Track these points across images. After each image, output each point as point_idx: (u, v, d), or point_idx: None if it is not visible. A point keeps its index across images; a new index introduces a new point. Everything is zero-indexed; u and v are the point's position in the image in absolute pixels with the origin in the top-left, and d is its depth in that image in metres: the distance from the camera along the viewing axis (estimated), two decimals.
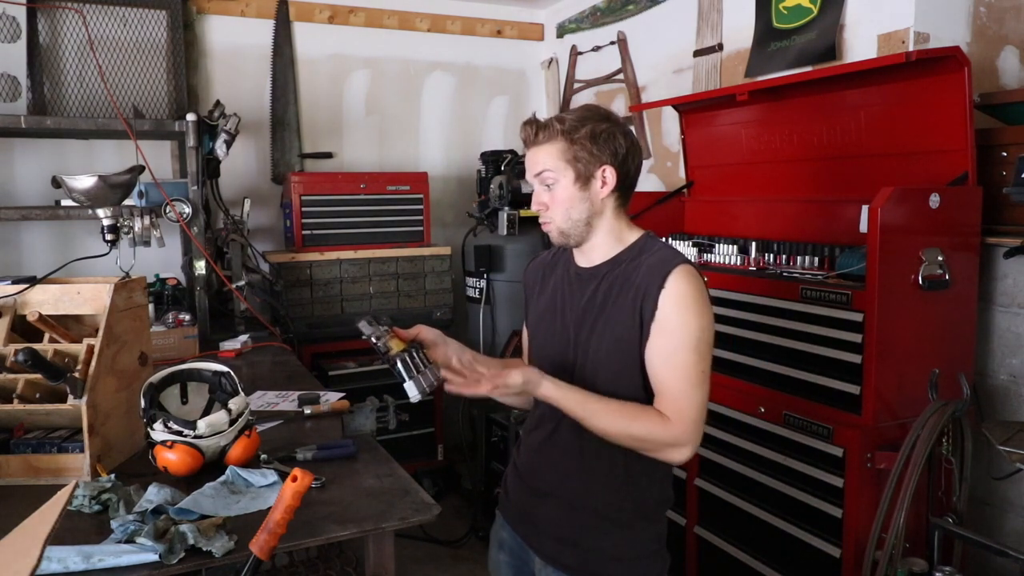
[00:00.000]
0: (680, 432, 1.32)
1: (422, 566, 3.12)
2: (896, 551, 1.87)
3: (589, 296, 1.43)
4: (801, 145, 2.57)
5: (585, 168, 1.38)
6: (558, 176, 1.38)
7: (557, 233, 1.42)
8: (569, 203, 1.39)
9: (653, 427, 1.32)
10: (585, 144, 1.37)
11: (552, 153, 1.38)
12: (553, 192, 1.39)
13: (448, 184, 4.30)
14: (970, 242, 2.11)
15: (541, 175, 1.40)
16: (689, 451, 1.34)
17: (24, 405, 1.57)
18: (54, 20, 3.32)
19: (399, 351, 1.37)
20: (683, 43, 3.40)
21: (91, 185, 2.05)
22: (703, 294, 1.35)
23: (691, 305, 1.33)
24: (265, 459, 1.65)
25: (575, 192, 1.38)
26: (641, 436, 1.32)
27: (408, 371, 1.35)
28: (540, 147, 1.39)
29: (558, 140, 1.37)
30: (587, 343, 1.41)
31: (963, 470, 2.03)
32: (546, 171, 1.39)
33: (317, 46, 3.95)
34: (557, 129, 1.38)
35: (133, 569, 1.20)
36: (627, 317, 1.36)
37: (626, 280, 1.39)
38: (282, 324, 3.29)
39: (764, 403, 2.27)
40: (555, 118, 1.39)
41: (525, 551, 1.51)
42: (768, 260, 2.42)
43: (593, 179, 1.38)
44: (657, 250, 1.40)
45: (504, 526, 1.58)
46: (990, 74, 2.46)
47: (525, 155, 1.44)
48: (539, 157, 1.39)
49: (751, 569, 2.31)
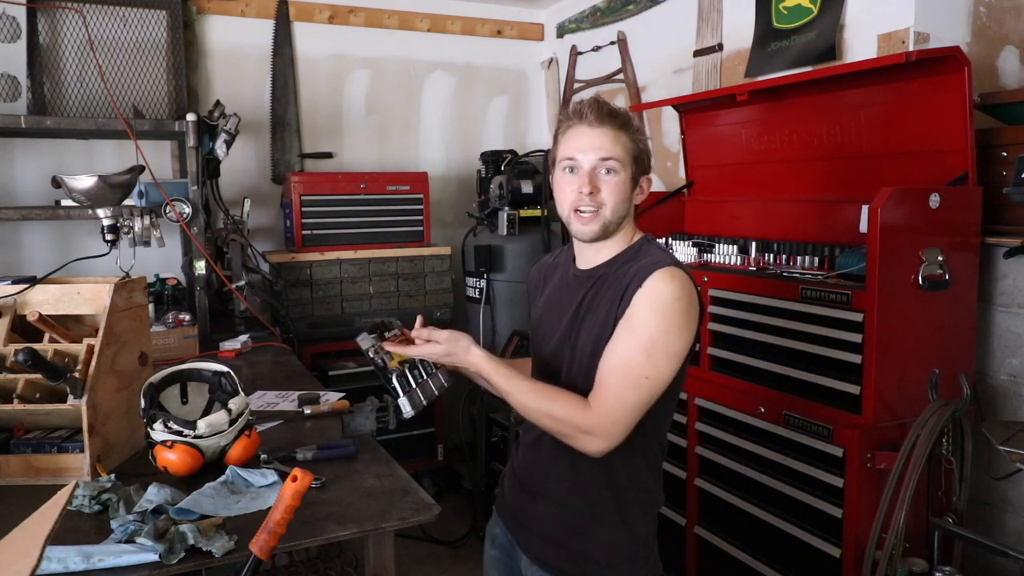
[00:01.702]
0: (596, 423, 1.28)
1: (422, 566, 3.12)
2: (896, 551, 1.87)
3: (580, 298, 1.43)
4: (801, 145, 2.57)
5: (637, 170, 1.37)
6: (620, 168, 1.35)
7: (600, 224, 1.36)
8: (621, 197, 1.36)
9: (571, 411, 1.29)
10: (645, 149, 1.37)
11: (621, 142, 1.35)
12: (611, 181, 1.35)
13: (448, 184, 4.30)
14: (970, 242, 2.11)
15: (607, 161, 1.34)
16: (603, 444, 1.29)
17: (24, 405, 1.57)
18: (54, 20, 3.32)
19: (396, 365, 1.36)
20: (683, 43, 3.40)
21: (91, 185, 2.05)
22: (682, 301, 1.29)
23: (659, 307, 1.28)
24: (265, 459, 1.65)
25: (627, 189, 1.37)
26: (558, 417, 1.30)
27: (404, 387, 1.34)
28: (607, 131, 1.34)
29: (629, 133, 1.36)
30: (575, 343, 1.41)
31: (963, 470, 2.03)
32: (613, 159, 1.34)
33: (317, 46, 3.95)
34: (629, 121, 1.36)
35: (133, 569, 1.20)
36: (604, 316, 1.35)
37: (614, 282, 1.38)
38: (282, 324, 3.29)
39: (764, 403, 2.27)
40: (623, 110, 1.37)
41: (514, 548, 1.52)
42: (768, 260, 2.42)
43: (636, 183, 1.39)
44: (650, 253, 1.38)
45: (498, 522, 1.59)
46: (990, 74, 2.46)
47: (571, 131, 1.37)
48: (605, 142, 1.34)
49: (751, 569, 2.31)
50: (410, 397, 1.36)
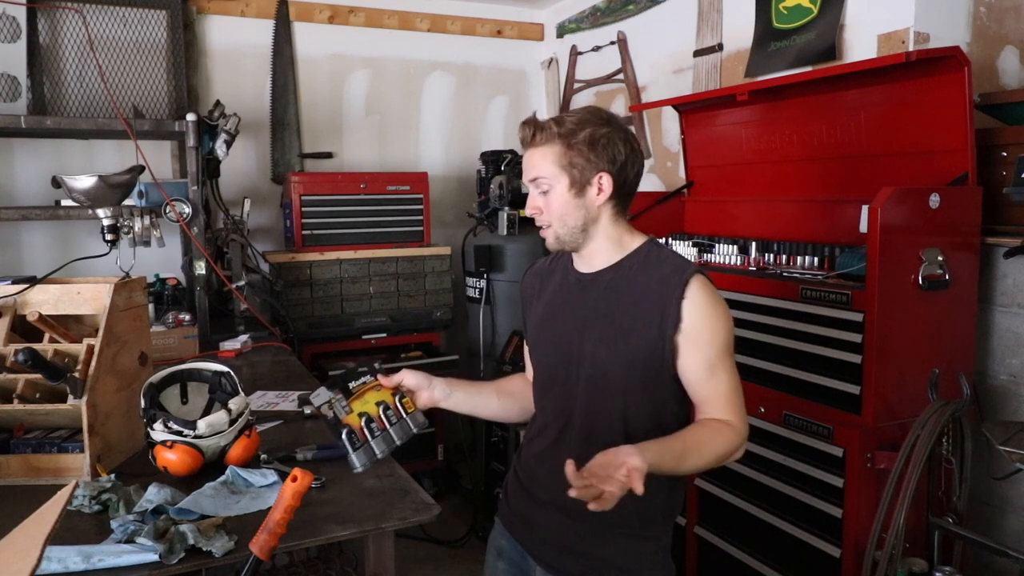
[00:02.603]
0: (745, 432, 1.33)
1: (422, 566, 3.12)
2: (896, 551, 1.87)
3: (592, 303, 1.40)
4: (801, 145, 2.57)
5: (581, 175, 1.33)
6: (553, 182, 1.34)
7: (553, 239, 1.39)
8: (563, 210, 1.35)
9: (731, 439, 1.31)
10: (582, 150, 1.32)
11: (548, 157, 1.34)
12: (548, 198, 1.35)
13: (448, 184, 4.30)
14: (970, 242, 2.11)
15: (536, 180, 1.36)
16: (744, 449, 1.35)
17: (24, 405, 1.57)
18: (54, 20, 3.32)
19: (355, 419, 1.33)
20: (683, 43, 3.40)
21: (91, 185, 2.05)
22: (721, 298, 1.36)
23: (716, 312, 1.33)
24: (265, 459, 1.65)
25: (569, 199, 1.35)
26: (724, 453, 1.31)
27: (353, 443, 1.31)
28: (536, 149, 1.35)
29: (555, 144, 1.33)
30: (594, 351, 1.37)
31: (963, 470, 2.03)
32: (540, 177, 1.35)
33: (317, 46, 3.95)
34: (554, 132, 1.33)
35: (133, 569, 1.20)
36: (645, 329, 1.33)
37: (635, 290, 1.36)
38: (282, 324, 3.29)
39: (764, 403, 2.27)
40: (553, 120, 1.35)
41: (525, 559, 1.49)
42: (768, 260, 2.42)
43: (589, 186, 1.34)
44: (666, 259, 1.38)
45: (503, 534, 1.55)
46: (990, 74, 2.46)
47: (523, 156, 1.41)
48: (534, 161, 1.36)
49: (751, 569, 2.31)
50: (364, 450, 1.32)
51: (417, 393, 1.43)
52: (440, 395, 1.45)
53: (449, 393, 1.46)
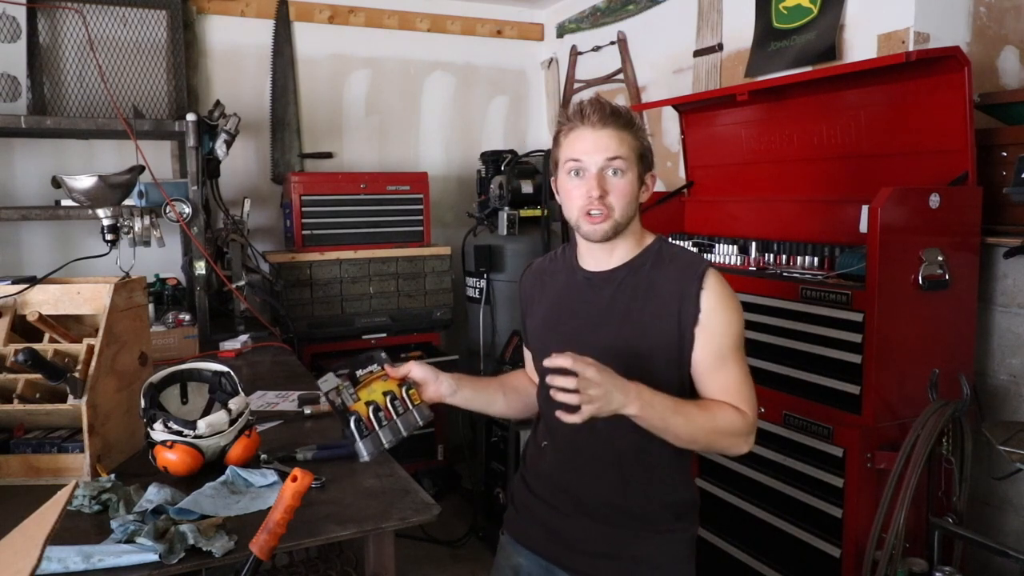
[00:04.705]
0: (753, 421, 1.34)
1: (422, 566, 3.12)
2: (896, 551, 1.87)
3: (608, 301, 1.38)
4: (801, 145, 2.57)
5: (643, 168, 1.36)
6: (628, 167, 1.33)
7: (612, 226, 1.34)
8: (630, 197, 1.34)
9: (734, 419, 1.31)
10: (647, 146, 1.36)
11: (626, 142, 1.32)
12: (619, 182, 1.33)
13: (448, 184, 4.30)
14: (970, 242, 2.11)
15: (614, 161, 1.31)
16: (753, 441, 1.35)
17: (24, 405, 1.57)
18: (54, 20, 3.32)
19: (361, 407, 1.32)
20: (683, 43, 3.40)
21: (91, 185, 2.05)
22: (734, 292, 1.37)
23: (732, 304, 1.35)
24: (265, 459, 1.65)
25: (635, 188, 1.35)
26: (723, 428, 1.30)
27: (361, 431, 1.30)
28: (611, 132, 1.32)
29: (629, 132, 1.33)
30: (609, 349, 1.33)
31: (963, 470, 2.03)
32: (620, 158, 1.32)
33: (317, 46, 3.95)
34: (630, 119, 1.34)
35: (133, 569, 1.20)
36: (663, 324, 1.33)
37: (652, 286, 1.36)
38: (282, 324, 3.29)
39: (764, 403, 2.27)
40: (624, 109, 1.35)
41: (552, 572, 1.44)
42: (768, 260, 2.42)
43: (644, 181, 1.37)
44: (679, 254, 1.39)
45: (519, 551, 1.49)
46: (990, 74, 2.46)
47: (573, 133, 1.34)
48: (611, 143, 1.31)
49: (751, 569, 2.31)
50: (371, 439, 1.32)
51: (424, 387, 1.42)
52: (447, 391, 1.44)
53: (456, 389, 1.45)
